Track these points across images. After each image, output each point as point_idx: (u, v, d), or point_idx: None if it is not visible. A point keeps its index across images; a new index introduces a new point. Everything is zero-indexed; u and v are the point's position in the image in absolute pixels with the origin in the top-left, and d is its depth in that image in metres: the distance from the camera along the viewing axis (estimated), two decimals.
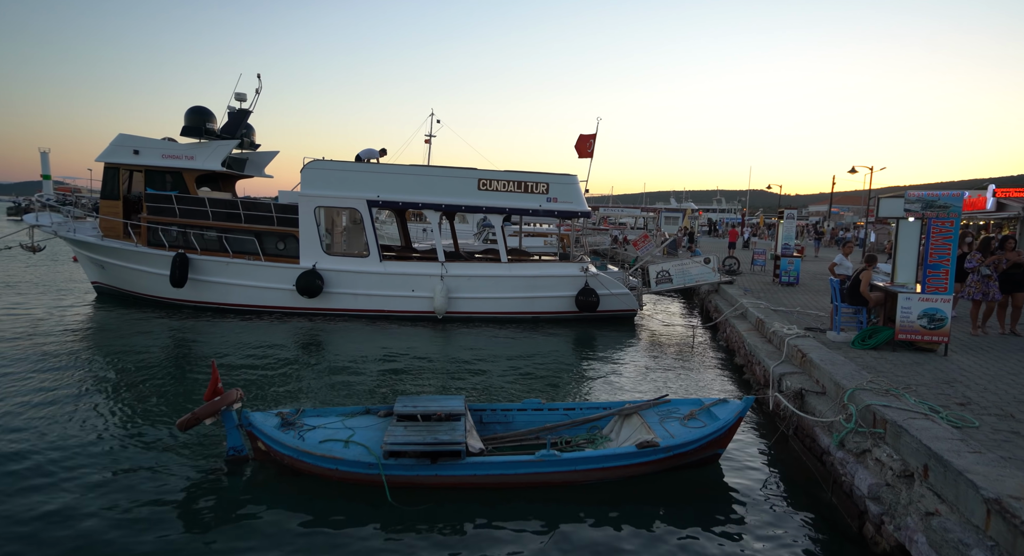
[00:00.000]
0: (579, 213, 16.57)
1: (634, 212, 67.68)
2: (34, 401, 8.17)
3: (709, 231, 60.35)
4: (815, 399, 7.11)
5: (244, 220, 15.44)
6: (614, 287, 16.17)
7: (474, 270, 15.87)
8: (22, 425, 7.30)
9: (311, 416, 6.80)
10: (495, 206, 15.97)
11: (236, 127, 16.60)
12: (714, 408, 7.02)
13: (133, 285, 16.22)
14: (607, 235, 42.22)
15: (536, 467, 5.95)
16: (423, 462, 5.84)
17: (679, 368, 11.47)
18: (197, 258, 15.14)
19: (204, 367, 10.19)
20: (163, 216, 15.39)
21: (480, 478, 5.92)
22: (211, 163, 15.86)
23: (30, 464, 6.28)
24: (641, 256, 19.96)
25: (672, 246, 29.59)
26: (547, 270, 16.26)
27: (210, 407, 6.12)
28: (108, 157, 15.86)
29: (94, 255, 16.40)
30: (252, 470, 6.29)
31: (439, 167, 16.26)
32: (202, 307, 15.47)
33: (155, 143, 15.93)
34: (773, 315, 11.77)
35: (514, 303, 15.94)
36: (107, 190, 16.18)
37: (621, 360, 12.11)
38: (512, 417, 7.34)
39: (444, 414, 6.40)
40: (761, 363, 9.43)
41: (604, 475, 6.17)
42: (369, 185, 15.46)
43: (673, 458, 6.33)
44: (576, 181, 16.47)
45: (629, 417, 7.13)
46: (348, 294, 15.37)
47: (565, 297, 15.99)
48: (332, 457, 5.91)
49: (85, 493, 5.72)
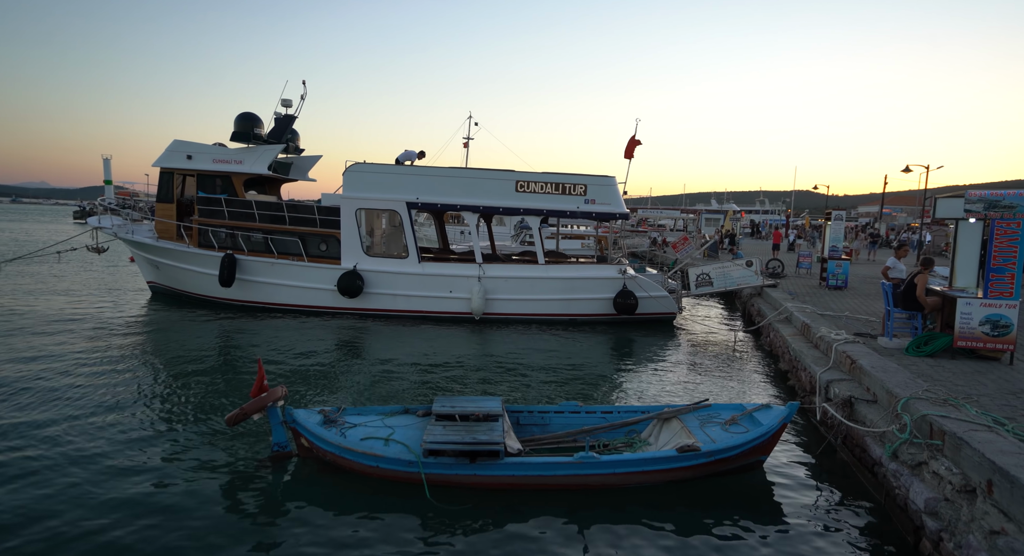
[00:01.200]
0: (617, 215, 16.43)
1: (673, 214, 66.65)
2: (94, 395, 8.59)
3: (752, 233, 58.86)
4: (865, 408, 6.83)
5: (288, 222, 15.88)
6: (653, 290, 15.95)
7: (511, 272, 15.91)
8: (81, 418, 7.68)
9: (352, 414, 6.93)
10: (532, 208, 15.98)
11: (282, 132, 17.10)
12: (756, 413, 6.84)
13: (185, 284, 16.89)
14: (645, 237, 41.69)
15: (575, 469, 5.91)
16: (462, 461, 5.88)
17: (719, 373, 11.22)
18: (244, 259, 15.66)
19: (250, 364, 10.51)
20: (213, 218, 15.98)
21: (518, 479, 5.92)
22: (258, 167, 16.38)
23: (89, 454, 6.59)
24: (681, 258, 19.63)
25: (713, 248, 29.00)
26: (584, 272, 16.16)
27: (256, 403, 6.30)
28: (163, 162, 16.57)
29: (149, 256, 17.16)
30: (295, 465, 6.45)
31: (477, 169, 16.37)
32: (249, 306, 15.98)
33: (207, 148, 16.56)
34: (820, 319, 11.40)
35: (551, 305, 15.90)
36: (162, 194, 16.91)
37: (660, 364, 11.92)
38: (549, 419, 7.32)
39: (482, 415, 6.43)
40: (807, 369, 9.13)
41: (643, 479, 6.09)
42: (408, 187, 15.69)
43: (714, 463, 6.19)
44: (614, 183, 16.33)
45: (668, 421, 7.02)
46: (387, 295, 15.63)
47: (603, 299, 15.86)
48: (373, 454, 6.01)
49: (137, 483, 5.97)
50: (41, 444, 6.79)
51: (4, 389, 8.59)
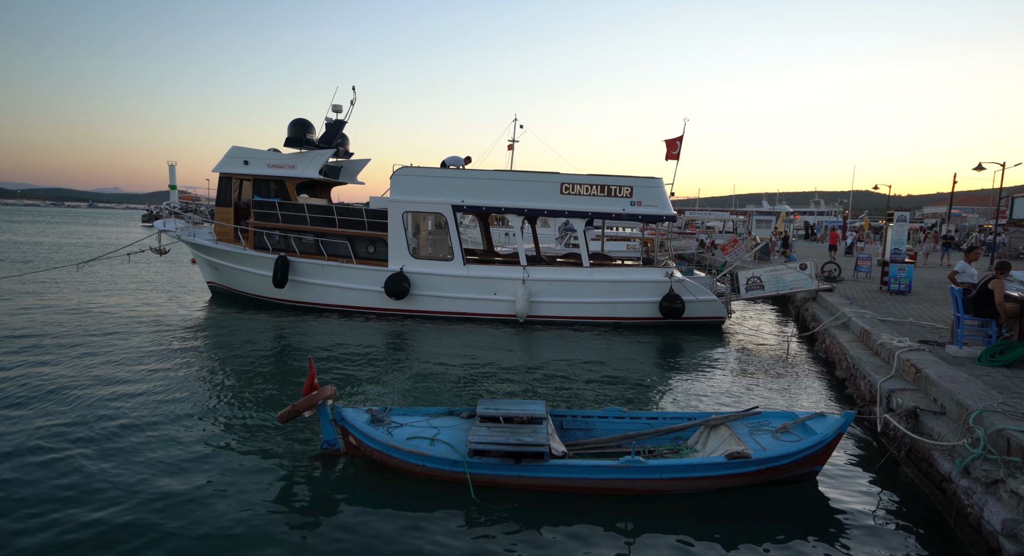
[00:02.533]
0: (664, 217, 16.14)
1: (722, 215, 65.00)
2: (153, 389, 9.04)
3: (806, 235, 56.71)
4: (932, 420, 6.46)
5: (338, 225, 16.31)
6: (701, 293, 15.58)
7: (556, 274, 15.86)
8: (140, 410, 8.09)
9: (398, 414, 7.05)
10: (577, 210, 15.88)
11: (332, 137, 17.59)
12: (810, 422, 6.58)
13: (241, 285, 17.59)
14: (693, 239, 40.79)
15: (620, 473, 5.83)
16: (507, 462, 5.89)
17: (770, 380, 10.85)
18: (296, 260, 16.18)
19: (302, 363, 10.85)
20: (268, 221, 16.59)
21: (563, 481, 5.88)
22: (310, 171, 16.91)
23: (146, 445, 6.94)
24: (730, 261, 19.10)
25: (764, 251, 28.10)
26: (630, 275, 15.95)
27: (307, 401, 6.48)
28: (222, 168, 17.32)
29: (209, 257, 17.96)
30: (344, 463, 6.60)
31: (521, 172, 16.41)
32: (300, 307, 16.50)
33: (262, 154, 17.20)
34: (880, 326, 10.86)
35: (596, 308, 15.76)
36: (221, 198, 17.67)
37: (707, 369, 11.63)
38: (593, 424, 7.24)
39: (526, 417, 6.43)
40: (866, 378, 8.72)
41: (690, 485, 5.94)
42: (454, 190, 15.86)
43: (765, 472, 5.98)
44: (661, 184, 16.06)
45: (716, 428, 6.83)
46: (433, 296, 15.83)
47: (649, 303, 15.60)
48: (419, 453, 6.09)
49: (192, 475, 6.23)
50: (100, 435, 7.17)
51: (72, 381, 9.15)
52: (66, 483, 5.95)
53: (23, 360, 10.25)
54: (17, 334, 12.12)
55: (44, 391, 8.67)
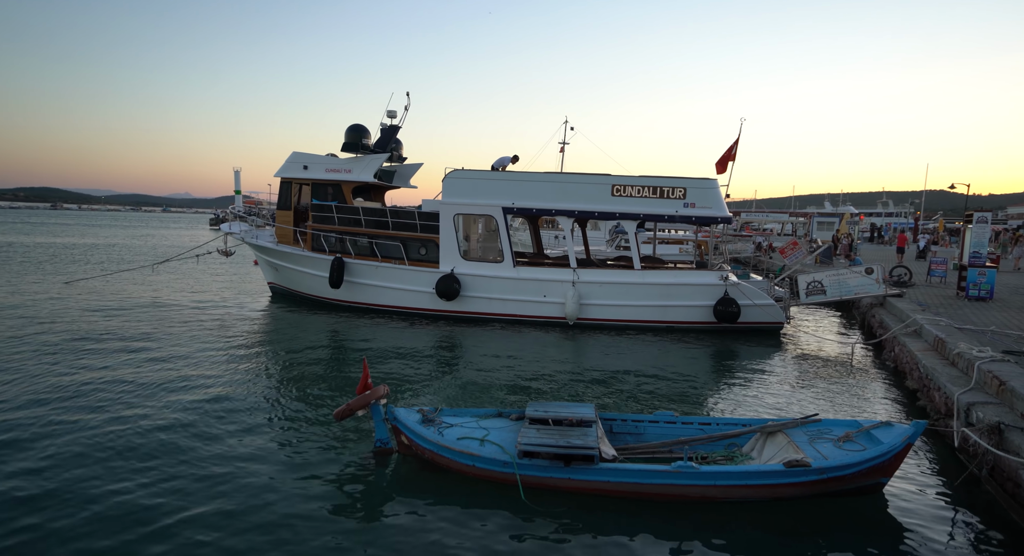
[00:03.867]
0: (719, 219, 15.73)
1: (781, 217, 62.62)
2: (215, 384, 9.50)
3: (871, 237, 53.92)
4: (1019, 436, 6.01)
5: (391, 227, 16.71)
6: (757, 297, 15.09)
7: (606, 277, 15.71)
8: (201, 404, 8.51)
9: (448, 415, 7.14)
10: (628, 212, 15.69)
11: (387, 142, 18.05)
12: (875, 431, 6.25)
13: (299, 285, 18.28)
14: (749, 242, 39.49)
15: (672, 478, 5.71)
16: (556, 464, 5.87)
17: (832, 388, 10.37)
18: (351, 262, 16.67)
19: (356, 362, 11.16)
20: (325, 224, 17.18)
21: (613, 485, 5.82)
22: (365, 175, 17.41)
23: (204, 440, 7.28)
24: (789, 265, 18.39)
25: (826, 254, 26.90)
26: (683, 278, 15.62)
27: (361, 400, 6.64)
28: (283, 172, 18.06)
29: (269, 258, 18.76)
30: (396, 461, 6.73)
31: (572, 174, 16.35)
32: (355, 307, 16.99)
33: (320, 159, 17.85)
34: (957, 334, 10.21)
35: (647, 311, 15.50)
36: (282, 201, 18.43)
37: (763, 375, 11.23)
38: (643, 428, 7.13)
39: (575, 420, 6.39)
40: (941, 389, 8.21)
41: (746, 493, 5.76)
42: (505, 193, 15.97)
43: (826, 482, 5.73)
44: (716, 185, 15.67)
45: (773, 435, 6.59)
46: (483, 298, 15.97)
47: (702, 307, 15.23)
48: (469, 453, 6.15)
49: (249, 468, 6.49)
50: (162, 427, 7.55)
51: (142, 374, 9.73)
52: (124, 474, 6.25)
53: (104, 350, 10.99)
54: (99, 328, 13.00)
55: (118, 381, 9.26)
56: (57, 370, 9.80)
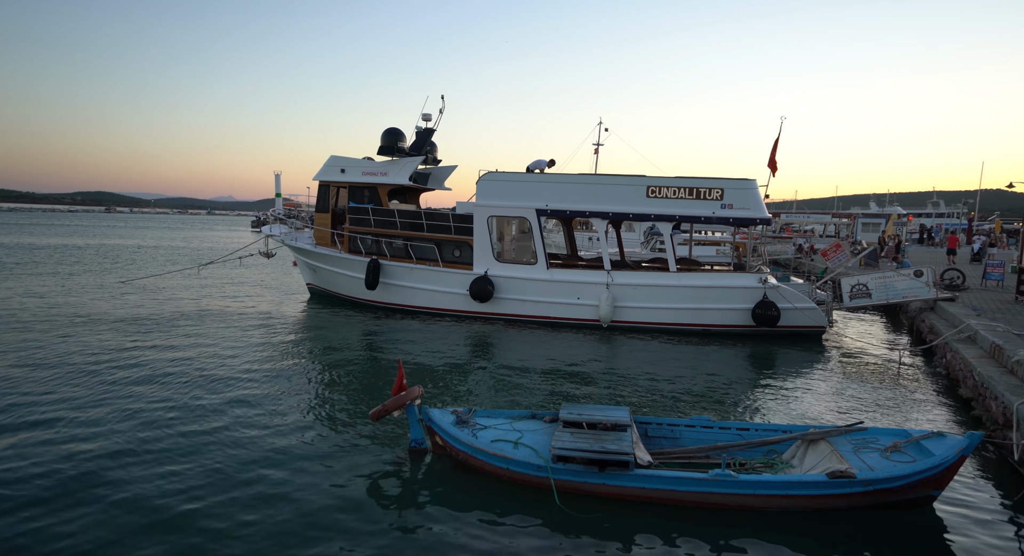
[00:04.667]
0: (758, 220, 15.38)
1: (823, 218, 60.76)
2: (256, 384, 9.75)
3: (921, 239, 51.79)
4: None
5: (426, 229, 16.90)
6: (798, 301, 14.68)
7: (641, 279, 15.53)
8: (238, 402, 8.74)
9: (482, 416, 7.16)
10: (664, 213, 15.48)
11: (422, 145, 18.27)
12: (926, 442, 6.00)
13: (336, 286, 18.65)
14: (789, 244, 38.46)
15: (709, 486, 5.60)
16: (591, 469, 5.83)
17: (878, 396, 10.01)
18: (387, 264, 16.92)
19: (392, 363, 11.32)
20: (361, 226, 17.49)
21: (648, 492, 5.74)
22: (400, 178, 17.65)
23: (241, 437, 7.48)
24: (832, 267, 17.83)
25: (871, 256, 25.98)
26: (720, 281, 15.32)
27: (397, 401, 6.73)
28: (322, 176, 18.47)
29: (308, 260, 19.20)
30: (430, 462, 6.79)
31: (606, 175, 16.23)
32: (390, 308, 17.24)
33: (357, 162, 18.18)
34: (1017, 341, 9.72)
35: (683, 314, 15.26)
36: (320, 204, 18.85)
37: (804, 381, 10.92)
38: (679, 433, 7.02)
39: (609, 424, 6.34)
40: (999, 398, 7.82)
41: (786, 504, 5.60)
42: (538, 195, 15.96)
43: (872, 494, 5.52)
44: (754, 186, 15.32)
45: (815, 443, 6.39)
46: (516, 300, 15.99)
47: (740, 310, 14.91)
48: (503, 456, 6.15)
49: (285, 466, 6.63)
50: (200, 421, 7.78)
51: (181, 370, 10.07)
52: (159, 468, 6.46)
53: (152, 346, 11.43)
54: (149, 326, 13.54)
55: (160, 375, 9.62)
56: (108, 364, 10.23)
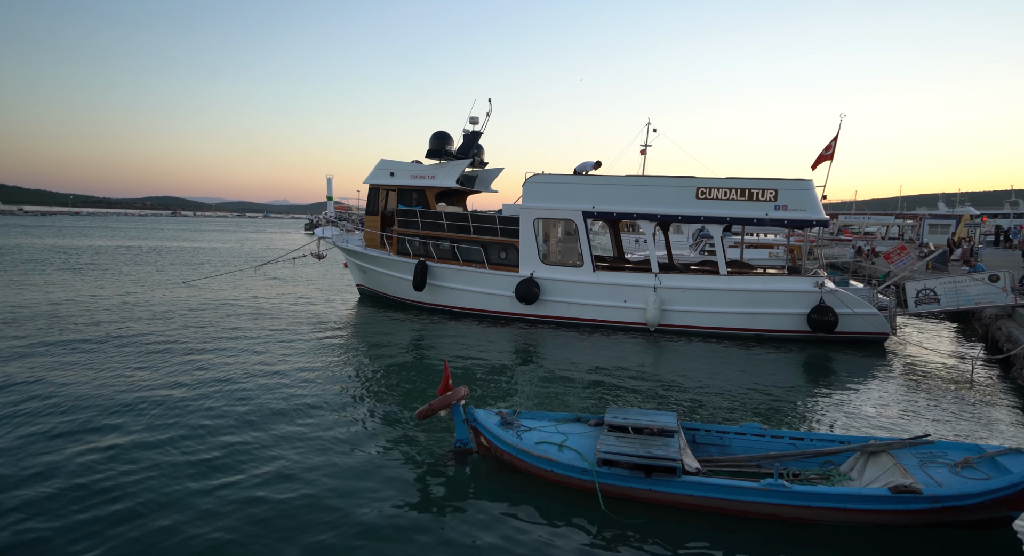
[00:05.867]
0: (814, 222, 14.79)
1: (885, 219, 57.89)
2: (306, 381, 10.04)
3: (996, 241, 48.55)
4: None
5: (472, 231, 17.05)
6: (858, 306, 14.02)
7: (690, 282, 15.18)
8: (289, 398, 9.01)
9: (526, 418, 7.15)
10: (714, 215, 15.10)
11: (469, 148, 18.46)
12: (1001, 458, 5.60)
13: (385, 288, 19.05)
14: (848, 246, 36.84)
15: (761, 496, 5.40)
16: (637, 474, 5.72)
17: (946, 408, 9.43)
18: (434, 265, 17.16)
19: (438, 363, 11.46)
20: (409, 228, 17.81)
21: (696, 499, 5.59)
22: (448, 181, 17.88)
23: (292, 434, 7.70)
24: (895, 271, 16.96)
25: (939, 260, 24.55)
26: (774, 284, 14.80)
27: (443, 401, 6.79)
28: (372, 179, 18.91)
29: (358, 262, 19.69)
30: (475, 462, 6.81)
31: (654, 177, 15.97)
32: (437, 309, 17.47)
33: (406, 166, 18.53)
34: None
35: (734, 319, 14.83)
36: (370, 207, 19.30)
37: (864, 390, 10.41)
38: (729, 440, 6.80)
39: (656, 429, 6.21)
40: None
41: (844, 517, 5.34)
42: (585, 197, 15.86)
43: (940, 511, 5.19)
44: (811, 186, 14.75)
45: (876, 456, 6.07)
46: (562, 302, 15.92)
47: (795, 315, 14.36)
48: (548, 459, 6.12)
49: (333, 462, 6.78)
50: (250, 417, 8.01)
51: (235, 365, 10.48)
52: (210, 462, 6.69)
53: (209, 343, 11.98)
54: (208, 323, 14.20)
55: (218, 369, 10.04)
56: (169, 358, 10.78)
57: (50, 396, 8.61)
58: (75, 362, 10.53)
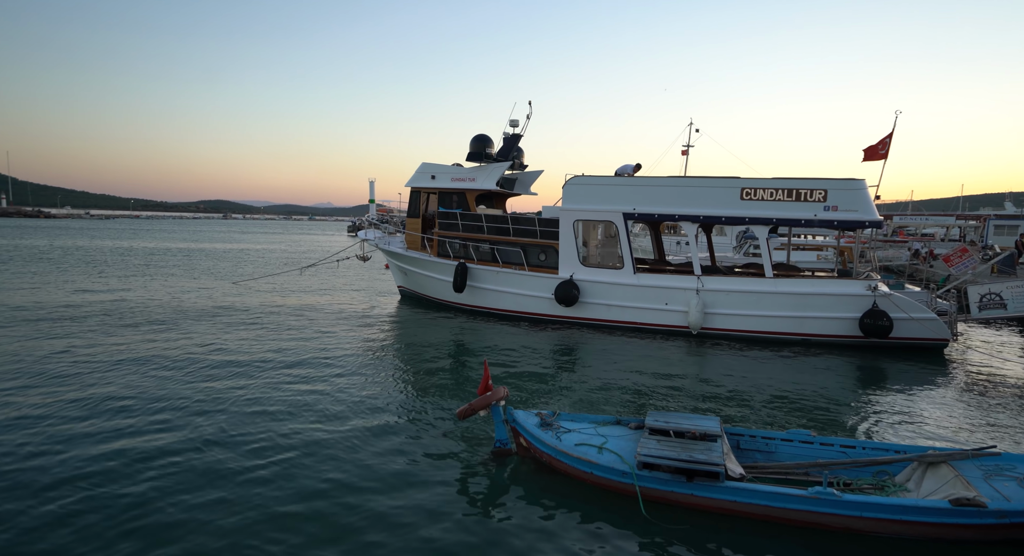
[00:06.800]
0: (866, 223, 14.21)
1: (945, 220, 55.15)
2: (348, 379, 10.26)
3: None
4: None
5: (512, 233, 17.10)
6: (915, 310, 13.40)
7: (734, 285, 14.82)
8: (331, 395, 9.22)
9: (566, 419, 7.13)
10: (760, 217, 14.70)
11: (509, 150, 18.54)
12: None
13: (426, 289, 19.30)
14: (904, 249, 35.23)
15: (810, 504, 5.22)
16: (678, 479, 5.62)
17: (1015, 418, 8.90)
18: (474, 267, 17.29)
19: (477, 364, 11.54)
20: (450, 230, 18.01)
21: (741, 506, 5.45)
22: (488, 184, 18.00)
23: (332, 431, 7.88)
24: (956, 274, 16.13)
25: (1007, 262, 23.22)
26: (824, 287, 14.29)
27: (483, 401, 6.83)
28: (413, 182, 19.22)
29: (399, 263, 20.03)
30: (514, 463, 6.83)
31: (696, 178, 15.67)
32: (477, 311, 17.59)
33: (447, 169, 18.76)
34: None
35: (780, 323, 14.39)
36: (412, 210, 19.61)
37: (920, 398, 9.94)
38: (775, 447, 6.61)
39: (698, 433, 6.09)
40: None
41: (899, 529, 5.11)
42: (625, 198, 15.70)
43: (1007, 528, 4.91)
44: (863, 186, 14.18)
45: (935, 467, 5.79)
46: (602, 305, 15.79)
47: (846, 319, 13.84)
48: (588, 460, 6.08)
49: (374, 459, 6.91)
50: (285, 418, 8.20)
51: (279, 363, 10.79)
52: (244, 456, 6.92)
53: (255, 341, 12.40)
54: (254, 322, 14.70)
55: (263, 369, 10.38)
56: (217, 355, 11.21)
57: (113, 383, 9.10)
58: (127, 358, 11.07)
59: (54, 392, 8.91)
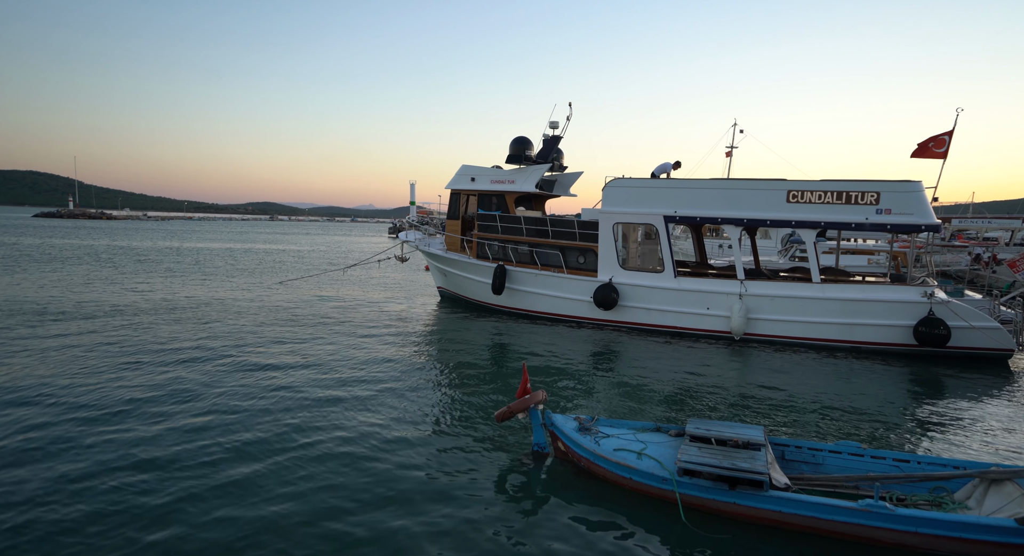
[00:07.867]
0: (922, 226, 13.59)
1: (1010, 223, 52.20)
2: (388, 379, 10.43)
3: None
4: None
5: (551, 236, 17.08)
6: (975, 319, 12.75)
7: (779, 290, 14.41)
8: (371, 397, 9.38)
9: (604, 425, 7.07)
10: (807, 220, 14.25)
11: (548, 152, 18.53)
12: None
13: (465, 290, 19.47)
14: (963, 253, 33.52)
15: (860, 517, 5.04)
16: (720, 486, 5.51)
17: None
18: (513, 269, 17.34)
19: (516, 366, 11.56)
20: (489, 232, 18.12)
21: (786, 517, 5.30)
22: (527, 186, 18.03)
23: (371, 430, 8.02)
24: (1021, 280, 15.28)
25: None
26: (875, 293, 13.75)
27: (521, 404, 6.85)
28: (453, 185, 19.42)
29: (439, 265, 20.26)
30: (552, 466, 6.82)
31: (740, 180, 15.32)
32: (515, 313, 17.63)
33: (486, 171, 18.89)
34: None
35: (827, 329, 13.91)
36: (451, 212, 19.81)
37: (980, 411, 9.44)
38: (822, 459, 6.40)
39: (741, 442, 5.96)
40: None
41: (958, 548, 4.87)
42: (666, 201, 15.48)
43: None
44: (919, 188, 13.59)
45: (999, 484, 5.50)
46: (642, 308, 15.60)
47: (899, 327, 13.28)
48: (627, 466, 6.03)
49: (412, 460, 7.01)
50: (324, 419, 8.29)
51: (320, 360, 11.04)
52: (292, 452, 7.08)
53: (299, 339, 12.75)
54: (298, 319, 15.12)
55: (302, 364, 10.66)
56: (257, 351, 11.58)
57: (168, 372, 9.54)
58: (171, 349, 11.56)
59: (90, 384, 9.39)
